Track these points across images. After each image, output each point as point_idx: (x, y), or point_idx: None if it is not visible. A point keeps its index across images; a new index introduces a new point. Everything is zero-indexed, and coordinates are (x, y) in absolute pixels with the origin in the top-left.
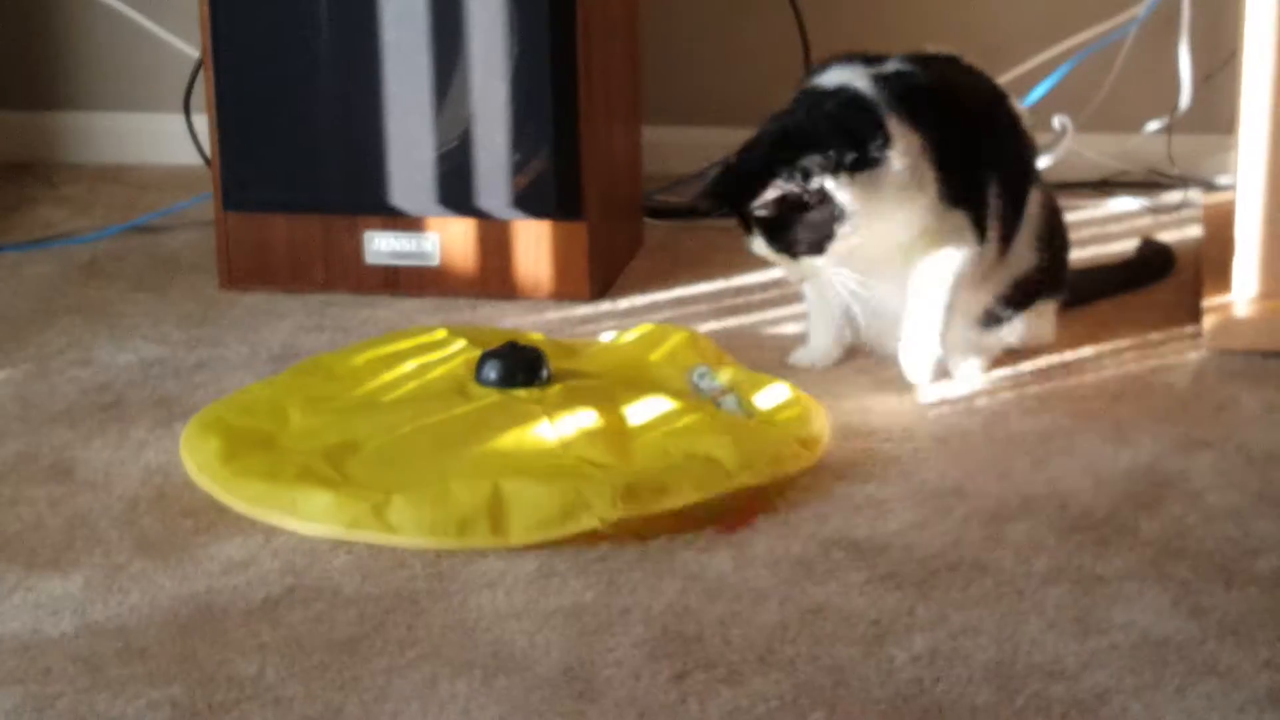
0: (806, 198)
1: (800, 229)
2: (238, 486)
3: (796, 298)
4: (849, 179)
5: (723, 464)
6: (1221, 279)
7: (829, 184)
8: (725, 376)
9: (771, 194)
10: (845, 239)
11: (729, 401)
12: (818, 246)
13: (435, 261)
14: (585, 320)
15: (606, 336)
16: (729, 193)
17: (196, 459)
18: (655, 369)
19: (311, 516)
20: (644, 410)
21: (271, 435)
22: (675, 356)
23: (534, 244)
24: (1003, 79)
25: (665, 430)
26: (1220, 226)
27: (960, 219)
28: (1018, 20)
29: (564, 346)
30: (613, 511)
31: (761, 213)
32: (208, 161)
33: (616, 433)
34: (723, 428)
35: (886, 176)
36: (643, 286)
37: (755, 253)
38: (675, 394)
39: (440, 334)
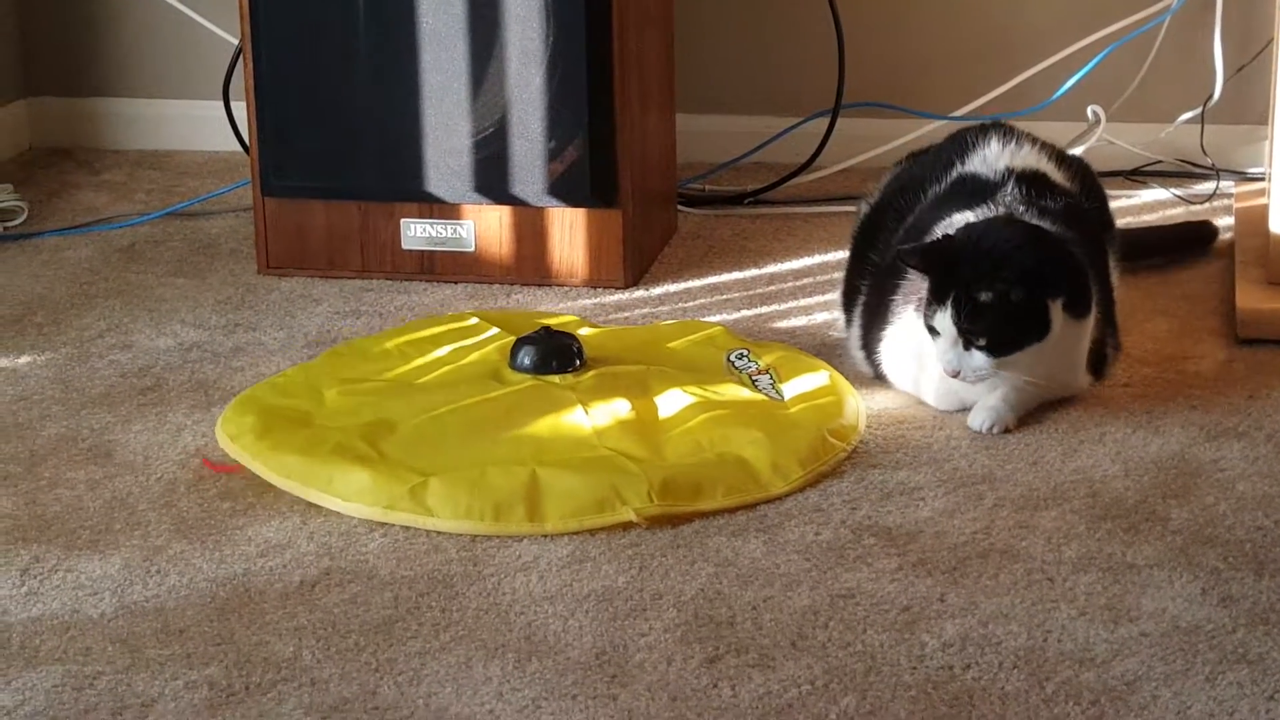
0: (1025, 304)
1: (1000, 327)
2: (273, 461)
3: (830, 286)
4: (1062, 315)
5: (754, 468)
6: (1253, 269)
7: (1052, 305)
8: (766, 360)
9: (1004, 286)
10: (1029, 355)
11: (764, 380)
12: (1003, 349)
13: (471, 248)
14: (620, 307)
15: None
16: (953, 262)
17: (229, 430)
18: (694, 348)
19: (348, 495)
20: (676, 400)
21: (307, 413)
22: (714, 340)
23: (569, 231)
24: (1037, 69)
25: (698, 421)
26: (1252, 217)
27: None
28: (1052, 10)
29: (599, 327)
30: (647, 507)
31: (985, 296)
32: (246, 148)
33: (650, 423)
34: (754, 419)
35: (1080, 329)
36: (677, 274)
37: (931, 326)
38: (710, 369)
39: (471, 320)
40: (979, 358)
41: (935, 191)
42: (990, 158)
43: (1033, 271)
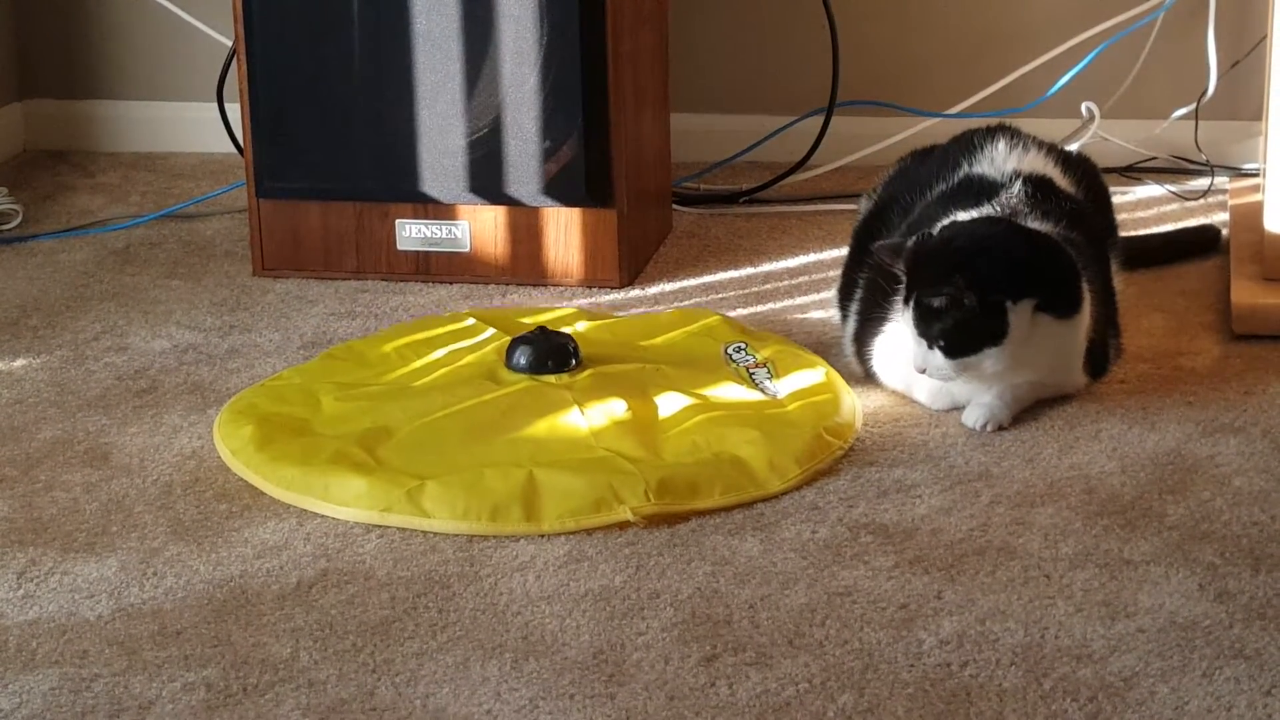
0: (979, 308)
1: (952, 331)
2: (272, 472)
3: (825, 285)
4: (1030, 316)
5: (751, 467)
6: (1248, 264)
7: (1011, 309)
8: (763, 353)
9: (954, 292)
10: (988, 358)
11: (760, 374)
12: (958, 352)
13: (466, 248)
14: (615, 306)
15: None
16: (919, 263)
17: (231, 445)
18: (691, 339)
19: (345, 502)
20: (673, 401)
21: (305, 421)
22: (713, 331)
23: (564, 231)
24: (1031, 66)
25: (694, 421)
26: (1247, 212)
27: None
28: (1046, 7)
29: (597, 316)
30: (644, 506)
31: (937, 302)
32: (241, 150)
33: (646, 423)
34: (751, 419)
35: (1068, 328)
36: (672, 273)
37: (902, 321)
38: (707, 365)
39: (468, 321)
40: (939, 357)
41: (941, 190)
42: (997, 159)
43: (987, 275)
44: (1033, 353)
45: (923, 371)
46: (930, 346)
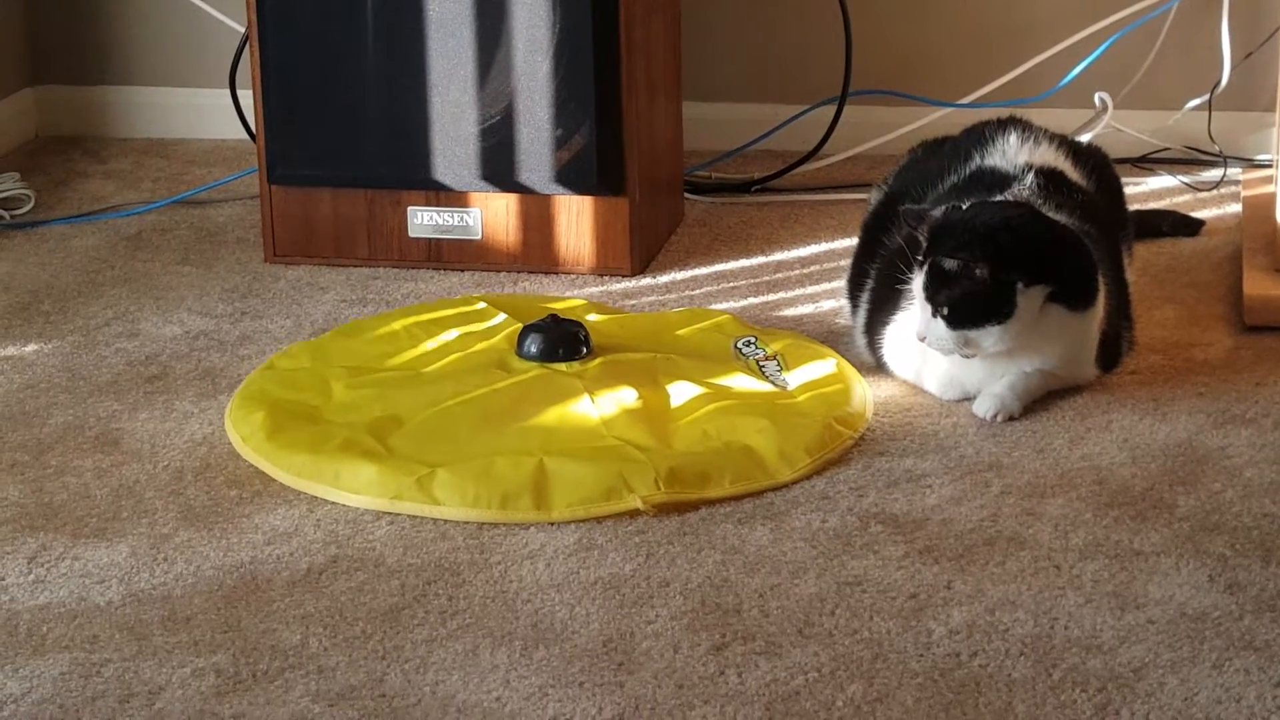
0: (990, 283)
1: (959, 299)
2: (282, 459)
3: (836, 274)
4: (1041, 300)
5: (761, 456)
6: (1260, 256)
7: (1021, 291)
8: (773, 347)
9: (969, 258)
10: (989, 336)
11: (770, 366)
12: (960, 322)
13: (478, 236)
14: (626, 294)
15: None
16: (944, 230)
17: (242, 431)
18: (701, 335)
19: (356, 489)
20: (683, 391)
21: (316, 408)
22: (722, 327)
23: (576, 219)
24: (1044, 56)
25: (704, 411)
26: (1259, 204)
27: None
28: None
29: (607, 310)
30: (654, 495)
31: (949, 265)
32: (253, 136)
33: (657, 412)
34: (761, 409)
35: (1081, 321)
36: (683, 261)
37: (912, 287)
38: (718, 357)
39: (479, 305)
40: (941, 326)
41: (952, 182)
42: (1009, 152)
43: (1005, 253)
44: (1043, 341)
45: (922, 340)
46: (934, 313)
